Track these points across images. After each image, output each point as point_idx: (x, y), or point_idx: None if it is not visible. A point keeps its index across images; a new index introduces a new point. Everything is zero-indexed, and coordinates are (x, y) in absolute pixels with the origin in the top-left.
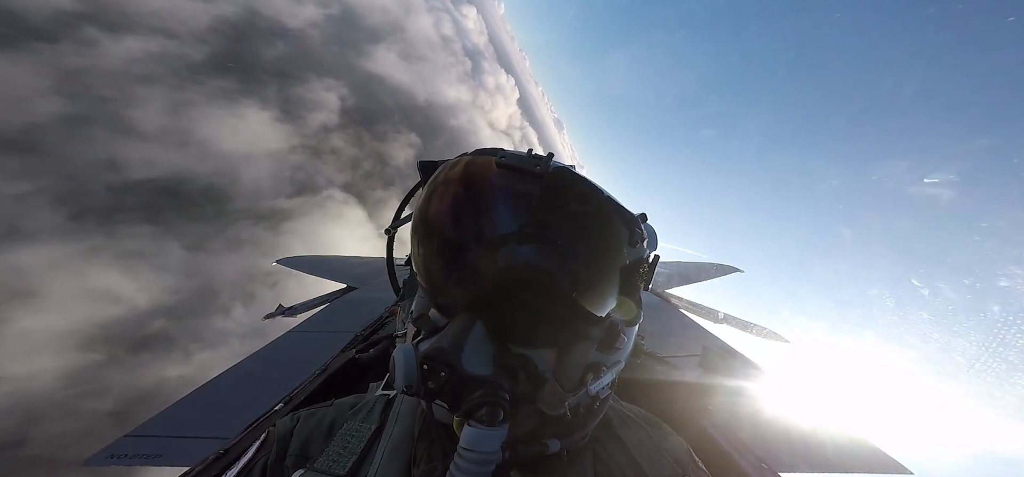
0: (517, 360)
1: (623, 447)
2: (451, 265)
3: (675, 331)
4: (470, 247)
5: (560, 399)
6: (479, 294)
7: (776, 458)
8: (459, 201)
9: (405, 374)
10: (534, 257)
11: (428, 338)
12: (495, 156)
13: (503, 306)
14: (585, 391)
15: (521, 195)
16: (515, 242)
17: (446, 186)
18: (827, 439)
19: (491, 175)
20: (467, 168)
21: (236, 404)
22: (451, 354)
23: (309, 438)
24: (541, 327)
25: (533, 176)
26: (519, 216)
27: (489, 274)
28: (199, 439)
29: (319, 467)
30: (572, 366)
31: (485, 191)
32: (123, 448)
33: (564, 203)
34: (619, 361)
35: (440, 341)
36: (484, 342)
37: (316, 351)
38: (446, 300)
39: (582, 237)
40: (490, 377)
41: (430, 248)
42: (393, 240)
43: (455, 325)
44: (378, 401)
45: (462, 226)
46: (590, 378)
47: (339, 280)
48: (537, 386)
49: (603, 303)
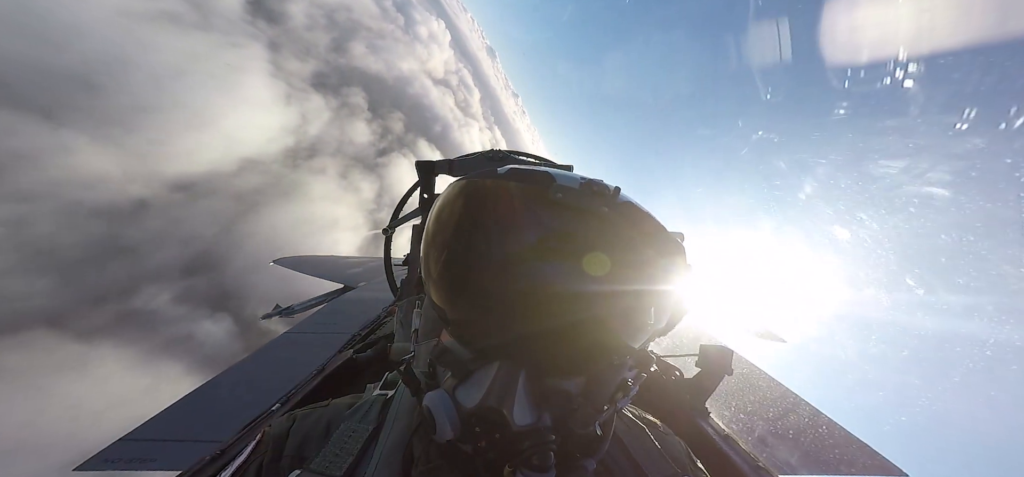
0: (554, 394)
1: (622, 448)
2: (491, 300)
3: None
4: (515, 284)
5: (592, 419)
6: (522, 335)
7: (773, 458)
8: (505, 234)
9: (450, 426)
10: (591, 299)
11: (463, 383)
12: (548, 185)
13: (547, 347)
14: (614, 408)
15: (580, 234)
16: (571, 283)
17: (487, 212)
18: (824, 440)
19: (544, 208)
20: (514, 196)
21: (233, 405)
22: (504, 414)
23: (305, 439)
24: (582, 360)
25: (595, 215)
26: (577, 256)
27: (538, 315)
28: (195, 442)
29: (316, 468)
30: (605, 388)
31: (539, 226)
32: (117, 452)
33: (630, 244)
34: (645, 375)
35: (487, 398)
36: (527, 388)
37: (313, 351)
38: (480, 337)
39: (646, 282)
40: (538, 424)
41: (463, 277)
42: (391, 240)
43: (500, 377)
44: (375, 401)
45: (508, 262)
46: (620, 395)
47: (336, 280)
48: (571, 412)
49: (649, 336)
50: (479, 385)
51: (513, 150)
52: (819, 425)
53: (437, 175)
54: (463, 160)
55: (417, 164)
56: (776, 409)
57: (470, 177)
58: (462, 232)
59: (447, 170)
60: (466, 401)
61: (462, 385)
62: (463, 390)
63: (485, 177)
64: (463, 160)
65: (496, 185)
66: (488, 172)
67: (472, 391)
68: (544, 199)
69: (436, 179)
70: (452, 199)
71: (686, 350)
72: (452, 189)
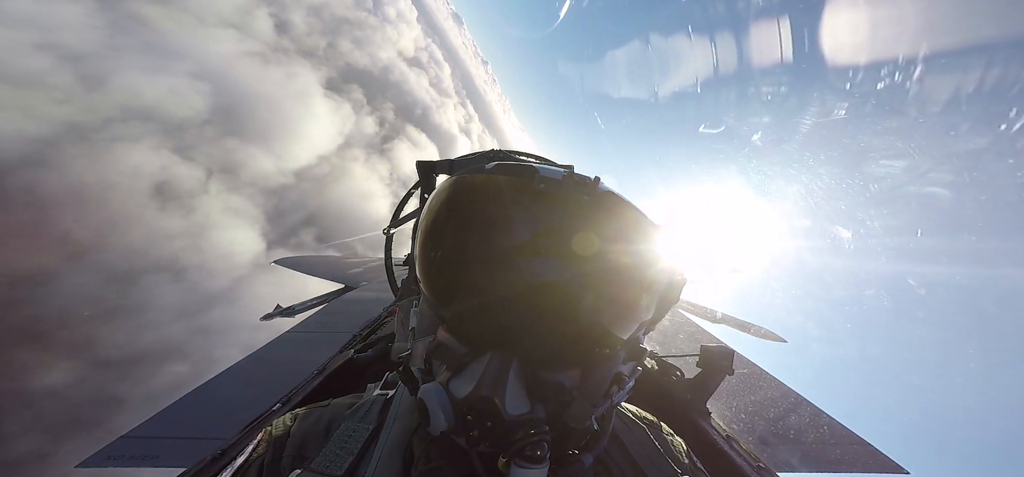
0: (547, 386)
1: (622, 447)
2: (481, 293)
3: (673, 330)
4: (504, 276)
5: (587, 414)
6: (512, 325)
7: (774, 458)
8: (492, 227)
9: (444, 418)
10: (577, 288)
11: (456, 375)
12: (531, 177)
13: (537, 336)
14: (610, 402)
15: (564, 224)
16: (558, 273)
17: (475, 206)
18: (825, 438)
19: (529, 199)
20: (501, 189)
21: (234, 405)
22: (496, 403)
23: (306, 438)
24: (572, 351)
25: (578, 204)
26: (562, 246)
27: (525, 305)
28: (196, 440)
29: (316, 467)
30: (599, 381)
31: (525, 218)
32: (120, 449)
33: (612, 232)
34: (640, 368)
35: (479, 388)
36: (520, 378)
37: (314, 351)
38: (472, 330)
39: (630, 269)
40: (531, 414)
41: (453, 272)
42: (392, 240)
43: (491, 366)
44: (376, 401)
45: (496, 254)
46: (615, 389)
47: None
48: (566, 405)
49: (639, 324)
50: (472, 376)
51: (514, 151)
52: (820, 424)
53: (438, 175)
54: (464, 160)
55: (418, 164)
56: (777, 409)
57: (458, 173)
58: (451, 227)
59: (448, 170)
60: (459, 392)
61: (456, 377)
62: (456, 382)
63: (472, 172)
64: (464, 160)
65: (482, 179)
66: (476, 168)
67: (465, 382)
68: (528, 190)
69: (436, 179)
70: (441, 195)
71: (686, 350)
72: (441, 186)
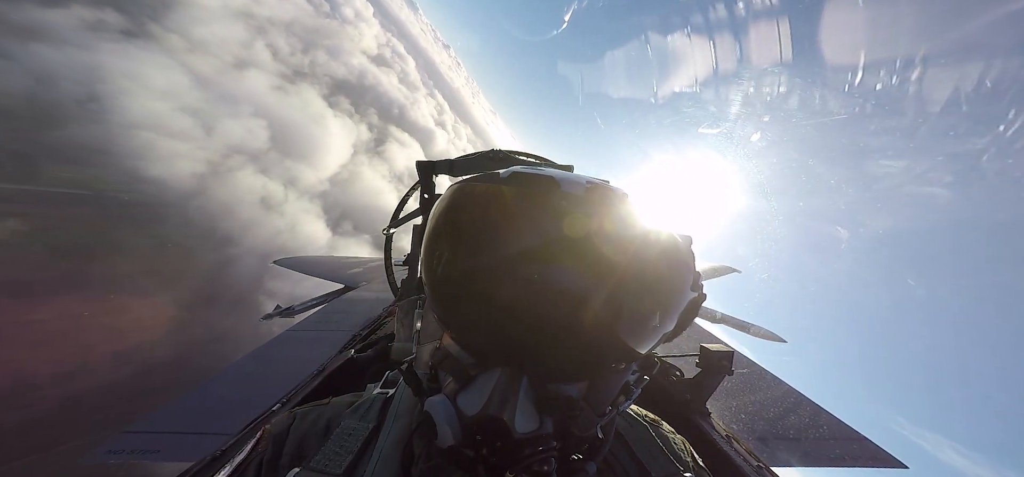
0: (556, 399)
1: (625, 445)
2: (494, 306)
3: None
4: (521, 290)
5: (593, 423)
6: (525, 340)
7: (774, 455)
8: (514, 241)
9: (451, 433)
10: (598, 304)
11: (464, 388)
12: (552, 193)
13: (551, 352)
14: (616, 411)
15: (589, 240)
16: (578, 288)
17: (488, 222)
18: (825, 435)
19: (553, 214)
20: (518, 206)
21: (234, 403)
22: (505, 422)
23: (305, 437)
24: (589, 366)
25: (602, 219)
26: (586, 262)
27: (543, 321)
28: (197, 435)
29: (315, 466)
30: (608, 392)
31: (547, 232)
32: (122, 444)
33: (638, 248)
34: (647, 378)
35: (489, 407)
36: (529, 394)
37: (314, 351)
38: (481, 342)
39: (655, 287)
40: (540, 431)
41: (462, 282)
42: (391, 240)
43: (501, 383)
44: (376, 400)
45: (514, 268)
46: (622, 399)
47: (336, 280)
48: (573, 415)
49: (656, 341)
50: (481, 392)
51: (514, 151)
52: (821, 421)
53: (437, 175)
54: (464, 160)
55: (418, 164)
56: (778, 408)
57: (471, 180)
58: (463, 237)
59: (448, 170)
60: (468, 408)
61: (464, 391)
62: (464, 396)
63: (487, 181)
64: (464, 160)
65: (498, 189)
66: (489, 175)
67: (474, 398)
68: (547, 204)
69: (436, 179)
70: (452, 203)
71: (686, 350)
72: (452, 192)
